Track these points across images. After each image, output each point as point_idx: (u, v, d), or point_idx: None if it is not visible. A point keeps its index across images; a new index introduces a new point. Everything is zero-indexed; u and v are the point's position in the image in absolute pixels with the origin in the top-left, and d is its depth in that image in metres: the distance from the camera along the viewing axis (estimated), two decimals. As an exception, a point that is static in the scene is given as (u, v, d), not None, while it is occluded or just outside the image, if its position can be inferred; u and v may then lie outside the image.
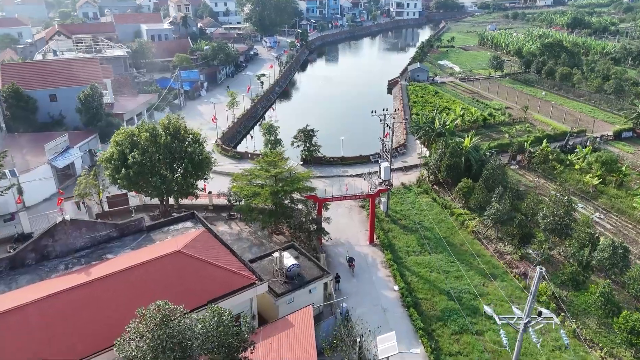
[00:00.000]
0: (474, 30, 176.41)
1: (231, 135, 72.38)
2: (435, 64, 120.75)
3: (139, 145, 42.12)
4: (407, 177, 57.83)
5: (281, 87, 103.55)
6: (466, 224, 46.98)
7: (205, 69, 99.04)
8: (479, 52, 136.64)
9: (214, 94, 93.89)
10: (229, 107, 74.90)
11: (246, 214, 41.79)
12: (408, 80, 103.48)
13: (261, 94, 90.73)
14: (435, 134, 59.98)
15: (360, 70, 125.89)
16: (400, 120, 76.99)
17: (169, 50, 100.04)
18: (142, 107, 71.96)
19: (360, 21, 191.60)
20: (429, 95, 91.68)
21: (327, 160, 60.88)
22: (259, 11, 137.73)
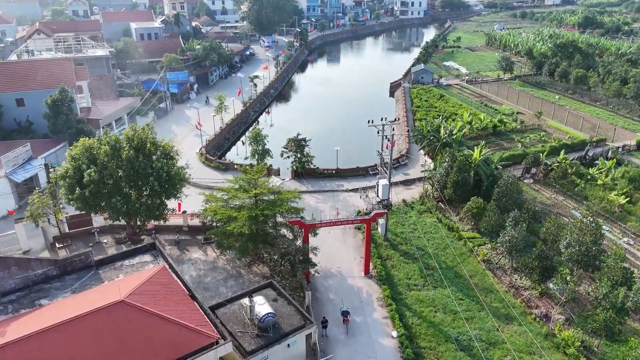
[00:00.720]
0: (481, 30, 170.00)
1: (218, 142, 66.56)
2: (440, 65, 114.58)
3: (97, 160, 36.43)
4: (409, 193, 51.84)
5: (277, 90, 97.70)
6: (476, 250, 41.00)
7: (196, 69, 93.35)
8: (486, 52, 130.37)
9: (204, 96, 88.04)
10: (216, 112, 69.12)
11: (220, 240, 35.98)
12: (412, 82, 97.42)
13: (254, 97, 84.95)
14: (441, 144, 53.96)
15: (362, 72, 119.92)
16: (402, 127, 71.02)
17: (158, 49, 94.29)
18: (122, 111, 66.27)
19: (363, 20, 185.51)
20: (433, 99, 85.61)
21: (320, 173, 55.00)
22: (257, 9, 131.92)
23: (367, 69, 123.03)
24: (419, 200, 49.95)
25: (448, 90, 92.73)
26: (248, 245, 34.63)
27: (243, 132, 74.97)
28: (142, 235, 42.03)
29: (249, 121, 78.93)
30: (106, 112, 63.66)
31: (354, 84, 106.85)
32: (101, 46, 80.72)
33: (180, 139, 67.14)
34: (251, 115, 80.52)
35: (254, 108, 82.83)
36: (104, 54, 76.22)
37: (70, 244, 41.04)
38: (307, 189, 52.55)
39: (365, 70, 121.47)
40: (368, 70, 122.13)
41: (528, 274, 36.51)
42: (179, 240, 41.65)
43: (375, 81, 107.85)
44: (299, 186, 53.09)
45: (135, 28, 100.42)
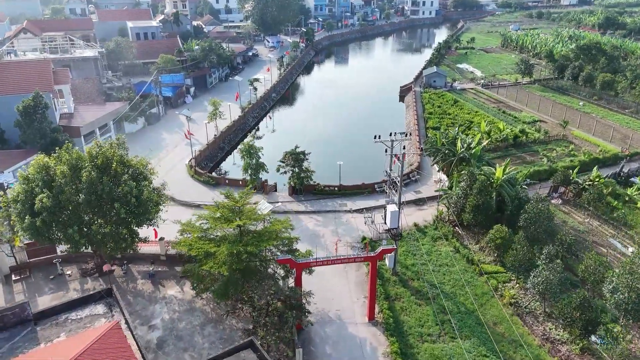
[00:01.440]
0: (495, 31, 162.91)
1: (211, 153, 60.85)
2: (453, 68, 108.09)
3: (54, 182, 30.82)
4: (421, 215, 45.70)
5: (279, 93, 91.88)
6: (501, 289, 34.80)
7: (194, 71, 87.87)
8: (502, 54, 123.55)
9: (201, 100, 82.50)
10: (209, 119, 63.45)
11: (195, 281, 30.19)
12: (423, 86, 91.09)
13: (254, 101, 79.22)
14: (458, 159, 47.75)
15: (370, 74, 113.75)
16: (414, 137, 64.86)
17: (154, 50, 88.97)
18: (107, 117, 60.85)
19: (372, 20, 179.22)
20: (447, 105, 79.24)
21: (321, 190, 49.03)
22: (261, 8, 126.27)
23: (375, 71, 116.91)
24: (432, 224, 43.81)
25: (462, 95, 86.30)
26: (228, 289, 28.79)
27: (240, 140, 69.23)
28: (113, 266, 36.42)
29: (247, 128, 73.20)
30: (89, 118, 58.28)
31: (362, 87, 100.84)
32: (91, 46, 75.44)
33: (171, 148, 61.68)
34: (250, 121, 74.78)
35: (253, 113, 77.10)
36: (92, 55, 70.94)
37: (28, 276, 35.54)
38: (305, 208, 46.62)
39: (373, 73, 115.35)
40: (377, 72, 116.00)
41: (567, 325, 30.26)
42: (154, 273, 35.93)
43: (384, 84, 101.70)
44: (297, 205, 47.22)
45: (131, 27, 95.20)
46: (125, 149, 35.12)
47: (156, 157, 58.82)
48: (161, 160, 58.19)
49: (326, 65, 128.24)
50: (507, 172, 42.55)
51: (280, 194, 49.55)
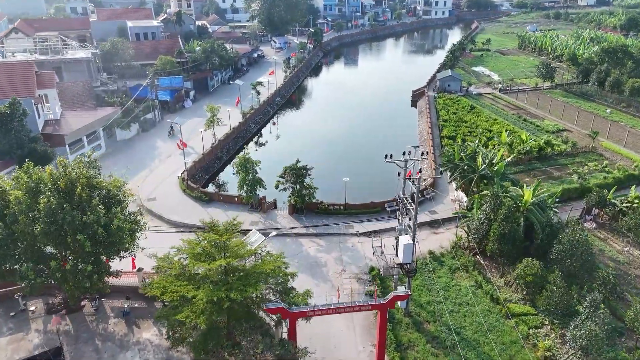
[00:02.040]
0: (512, 32, 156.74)
1: (207, 163, 56.16)
2: (469, 71, 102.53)
3: (7, 210, 26.27)
4: (437, 240, 40.57)
5: (284, 97, 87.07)
6: (534, 337, 29.59)
7: (195, 74, 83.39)
8: (519, 56, 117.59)
9: (201, 104, 77.68)
10: (207, 127, 58.80)
11: (169, 329, 25.42)
12: (437, 90, 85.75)
13: (257, 106, 74.48)
14: (478, 177, 42.51)
15: (381, 77, 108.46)
16: (427, 146, 59.69)
17: (154, 51, 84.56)
18: (97, 124, 56.40)
19: (383, 20, 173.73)
20: (463, 112, 73.83)
21: (325, 209, 44.08)
22: (267, 8, 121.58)
23: (386, 74, 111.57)
24: (450, 251, 38.66)
25: (479, 101, 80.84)
26: (207, 342, 23.97)
27: (240, 148, 64.52)
28: (83, 301, 31.84)
29: (249, 135, 68.45)
30: (75, 125, 53.90)
31: (372, 90, 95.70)
32: (84, 47, 71.23)
33: (164, 158, 57.08)
34: (251, 128, 70.03)
35: (255, 119, 72.34)
36: (84, 57, 66.67)
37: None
38: (306, 230, 41.70)
39: (384, 75, 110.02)
40: (388, 75, 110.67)
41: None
42: (129, 311, 31.24)
43: (395, 88, 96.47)
44: (297, 226, 42.30)
45: (130, 27, 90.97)
46: (96, 168, 30.41)
47: (147, 168, 54.44)
48: (152, 171, 53.68)
49: (335, 67, 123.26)
50: (538, 195, 37.24)
51: (279, 212, 44.69)
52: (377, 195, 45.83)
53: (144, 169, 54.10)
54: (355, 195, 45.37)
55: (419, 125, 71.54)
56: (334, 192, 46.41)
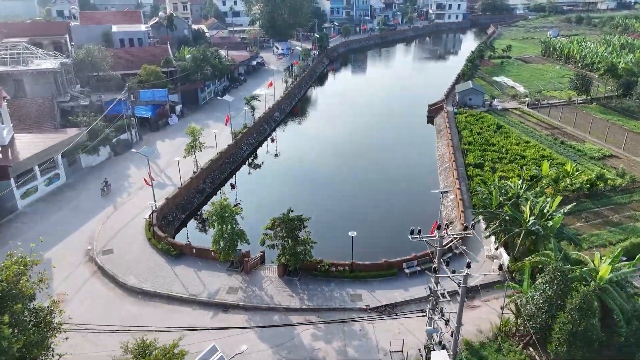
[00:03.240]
0: (532, 37, 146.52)
1: (185, 198, 46.50)
2: (490, 82, 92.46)
3: None
4: (473, 318, 30.59)
5: (283, 112, 77.46)
6: None
7: (183, 85, 74.10)
8: (544, 65, 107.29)
9: (189, 121, 68.42)
10: (187, 153, 49.27)
11: None
12: (457, 105, 75.80)
13: (252, 124, 64.94)
14: (526, 232, 32.51)
15: (392, 87, 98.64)
16: (450, 176, 49.78)
17: (140, 59, 75.41)
18: (55, 150, 47.04)
19: (394, 24, 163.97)
20: (488, 131, 63.81)
21: (325, 270, 34.28)
22: (269, 11, 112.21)
23: (398, 84, 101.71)
24: (493, 339, 28.70)
25: (505, 118, 70.78)
26: None
27: (229, 176, 54.95)
28: None
29: (240, 159, 58.80)
30: (26, 153, 44.62)
31: (382, 103, 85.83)
32: (53, 56, 62.07)
33: (135, 190, 47.60)
34: (244, 150, 60.38)
35: (249, 140, 62.73)
36: (51, 67, 57.46)
37: None
38: (299, 302, 31.82)
39: (396, 85, 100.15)
40: (399, 85, 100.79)
41: None
42: None
43: (408, 100, 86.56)
44: (288, 295, 32.52)
45: (114, 32, 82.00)
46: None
47: (112, 204, 45.00)
48: (118, 208, 44.22)
49: (341, 76, 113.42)
50: (618, 268, 27.15)
51: (267, 272, 34.97)
52: (392, 250, 36.01)
53: (108, 205, 44.72)
54: (364, 249, 35.55)
55: (438, 149, 61.52)
56: (336, 245, 36.62)
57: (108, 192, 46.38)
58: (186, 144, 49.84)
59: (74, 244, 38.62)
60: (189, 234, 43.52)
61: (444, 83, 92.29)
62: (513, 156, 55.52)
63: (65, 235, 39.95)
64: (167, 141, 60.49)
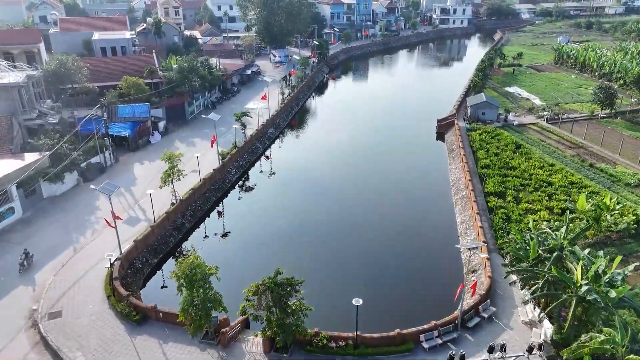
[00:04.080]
0: (541, 43, 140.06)
1: (156, 240, 39.51)
2: (502, 93, 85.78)
3: None
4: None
5: (279, 128, 70.64)
6: None
7: (170, 98, 67.43)
8: (558, 73, 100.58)
9: (173, 139, 61.98)
10: (162, 184, 42.41)
11: None
12: (469, 119, 69.15)
13: (243, 142, 58.18)
14: (578, 300, 25.63)
15: (397, 97, 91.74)
16: (470, 210, 43.00)
17: (122, 69, 68.95)
18: (9, 179, 40.23)
19: (397, 30, 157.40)
20: (507, 152, 57.02)
21: (322, 345, 27.32)
22: (265, 16, 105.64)
23: (402, 93, 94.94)
24: None
25: (523, 135, 64.02)
26: None
27: (214, 205, 48.07)
28: None
29: (227, 185, 51.90)
30: (-30, 185, 37.86)
31: (386, 115, 78.94)
32: (19, 68, 55.38)
33: (100, 227, 40.70)
34: (232, 174, 53.52)
35: (238, 162, 55.90)
36: (13, 82, 50.72)
37: None
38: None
39: (400, 95, 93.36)
40: (404, 94, 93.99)
41: None
42: None
43: (415, 112, 79.78)
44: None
45: (95, 40, 75.40)
46: None
47: (72, 245, 38.18)
48: (78, 251, 37.43)
49: (342, 85, 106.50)
50: None
51: (250, 345, 28.05)
52: (406, 316, 29.15)
53: (66, 248, 37.92)
54: (370, 316, 28.66)
55: (451, 173, 54.58)
56: (337, 312, 29.77)
57: (29, 267, 35.25)
58: (162, 171, 42.89)
59: (17, 302, 31.80)
60: (163, 281, 36.68)
61: (452, 93, 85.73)
62: (538, 182, 48.71)
63: (9, 288, 33.18)
64: (146, 164, 53.66)
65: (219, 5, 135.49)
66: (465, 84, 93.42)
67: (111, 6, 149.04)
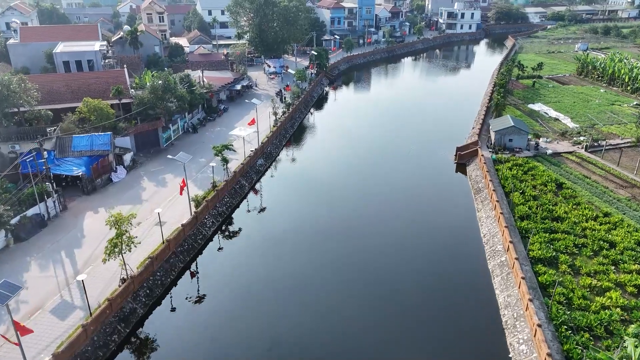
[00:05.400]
0: (558, 51, 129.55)
1: (92, 344, 28.88)
2: (524, 109, 75.31)
3: None
4: None
5: (270, 157, 60.00)
6: None
7: (139, 125, 56.96)
8: (584, 87, 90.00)
9: (141, 174, 51.36)
10: (107, 257, 31.71)
11: None
12: (492, 146, 58.73)
13: (225, 178, 47.56)
14: None
15: (404, 113, 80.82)
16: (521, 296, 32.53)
17: (87, 88, 58.69)
18: None
19: (402, 36, 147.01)
20: (547, 192, 46.53)
21: None
22: (258, 23, 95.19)
23: (411, 109, 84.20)
24: None
25: (562, 168, 53.50)
26: None
27: (179, 275, 37.43)
28: None
29: (201, 244, 41.15)
30: None
31: (393, 137, 68.11)
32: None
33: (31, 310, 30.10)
34: (207, 227, 42.78)
35: (217, 209, 45.17)
36: None
37: None
38: None
39: (408, 112, 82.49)
40: (413, 111, 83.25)
41: None
42: None
43: (427, 134, 69.26)
44: None
45: (57, 53, 64.89)
46: None
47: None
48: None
49: (343, 98, 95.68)
50: None
51: None
52: None
53: (-34, 355, 27.35)
54: None
55: (481, 223, 43.82)
56: None
57: None
58: (108, 240, 32.17)
59: None
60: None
61: (468, 110, 75.83)
62: (595, 242, 38.19)
63: None
64: (101, 213, 42.99)
65: (209, 10, 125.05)
66: (483, 100, 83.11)
67: (94, 11, 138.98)
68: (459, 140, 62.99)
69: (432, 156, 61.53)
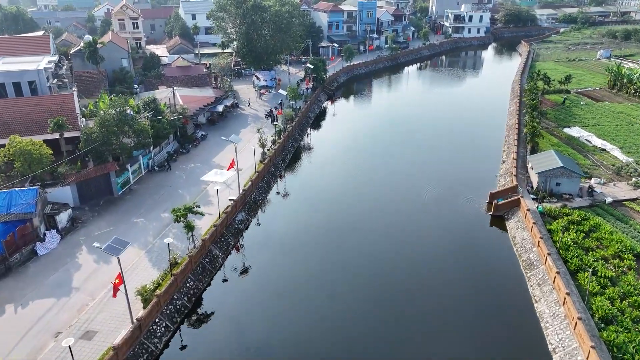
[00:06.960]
0: (579, 58, 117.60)
1: None
2: (561, 136, 63.24)
3: None
4: None
5: (253, 208, 47.21)
6: None
7: (90, 169, 44.41)
8: (620, 104, 77.81)
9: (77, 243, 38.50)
10: None
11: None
12: (535, 191, 46.38)
13: (191, 250, 35.06)
14: None
15: (416, 140, 67.93)
16: None
17: (18, 119, 46.21)
18: None
19: (406, 42, 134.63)
20: (628, 273, 34.26)
21: None
22: (245, 31, 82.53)
23: (419, 129, 71.34)
24: None
25: (630, 225, 41.28)
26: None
27: None
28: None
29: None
30: None
31: (402, 167, 55.49)
32: None
33: None
34: (156, 340, 30.20)
35: (174, 303, 32.52)
36: None
37: None
38: None
39: (416, 134, 69.43)
40: (422, 131, 70.44)
41: None
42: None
43: (442, 165, 56.64)
44: None
45: (-10, 73, 52.21)
46: None
47: None
48: None
49: (342, 117, 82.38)
50: None
51: None
52: None
53: None
54: None
55: (545, 327, 31.18)
56: None
57: None
58: None
59: None
60: None
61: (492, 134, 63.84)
62: None
63: None
64: (9, 311, 30.22)
65: (193, 14, 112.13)
66: (508, 121, 70.95)
67: (67, 14, 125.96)
68: (485, 176, 50.77)
69: (455, 202, 48.60)
